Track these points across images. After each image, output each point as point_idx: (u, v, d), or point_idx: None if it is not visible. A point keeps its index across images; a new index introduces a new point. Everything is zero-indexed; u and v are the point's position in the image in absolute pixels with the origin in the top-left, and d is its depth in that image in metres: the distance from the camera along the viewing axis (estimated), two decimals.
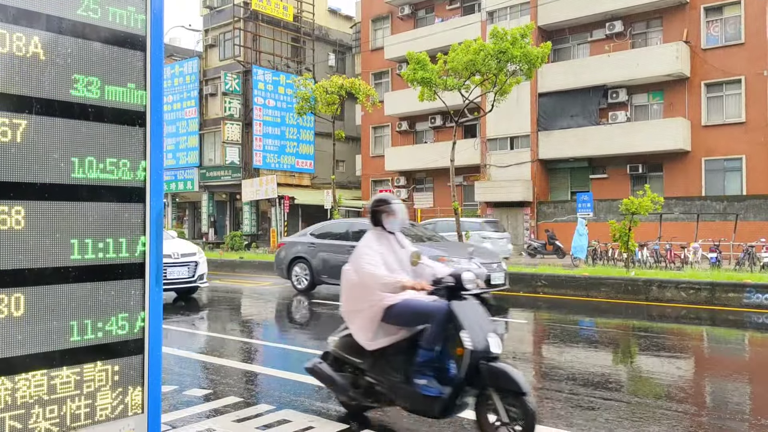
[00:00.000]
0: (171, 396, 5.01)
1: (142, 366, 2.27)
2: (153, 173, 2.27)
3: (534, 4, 26.53)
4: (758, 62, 22.79)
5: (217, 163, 34.14)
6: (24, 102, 1.96)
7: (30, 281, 1.98)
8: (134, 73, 2.23)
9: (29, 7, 1.98)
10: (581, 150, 25.61)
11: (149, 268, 2.28)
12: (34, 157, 1.99)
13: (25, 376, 1.99)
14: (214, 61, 34.95)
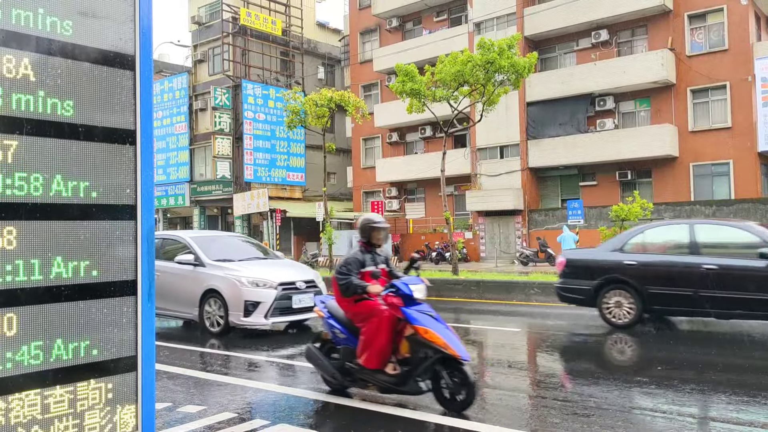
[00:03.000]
0: (165, 413, 4.98)
1: (135, 383, 2.27)
2: (143, 191, 2.29)
3: (520, 14, 26.80)
4: (742, 68, 23.10)
5: (208, 178, 34.09)
6: (15, 123, 1.98)
7: (22, 301, 1.99)
8: (124, 92, 2.26)
9: (18, 29, 2.00)
10: (570, 158, 25.79)
11: (141, 286, 2.29)
12: (24, 177, 2.00)
13: (19, 396, 1.99)
14: (204, 76, 35.00)
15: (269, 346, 8.34)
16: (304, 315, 9.43)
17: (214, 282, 9.29)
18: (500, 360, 7.78)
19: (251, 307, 8.92)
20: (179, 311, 9.83)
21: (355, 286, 5.08)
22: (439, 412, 4.94)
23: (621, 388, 5.71)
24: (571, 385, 6.07)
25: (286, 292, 9.10)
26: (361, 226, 5.47)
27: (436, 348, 4.82)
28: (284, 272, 9.58)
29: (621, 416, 4.79)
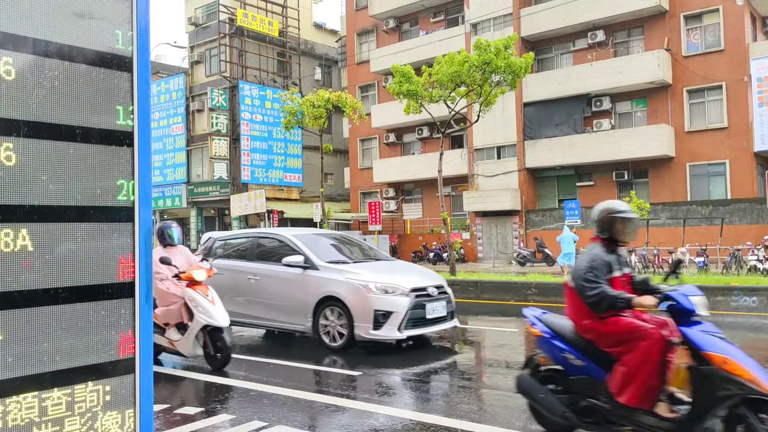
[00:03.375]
0: (162, 415, 4.97)
1: (133, 386, 2.27)
2: (141, 192, 2.28)
3: (517, 15, 26.84)
4: (738, 68, 23.17)
5: (205, 179, 34.05)
6: (12, 125, 1.98)
7: (20, 303, 1.98)
8: (121, 93, 2.25)
9: (16, 31, 1.99)
10: (567, 158, 25.83)
11: (139, 287, 2.29)
12: (21, 179, 2.00)
13: (16, 399, 1.98)
14: (201, 77, 34.97)
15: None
16: (438, 326, 8.06)
17: (333, 288, 7.87)
18: (498, 360, 7.79)
19: (382, 317, 7.52)
20: (286, 322, 8.41)
21: (615, 298, 3.83)
22: (445, 414, 4.92)
23: None
24: None
25: (419, 299, 7.79)
26: (601, 217, 4.20)
27: (741, 383, 3.52)
28: (412, 277, 8.28)
29: None
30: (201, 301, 6.70)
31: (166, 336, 6.98)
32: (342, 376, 6.68)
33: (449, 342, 8.79)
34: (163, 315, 6.96)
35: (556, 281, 13.46)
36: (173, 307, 6.88)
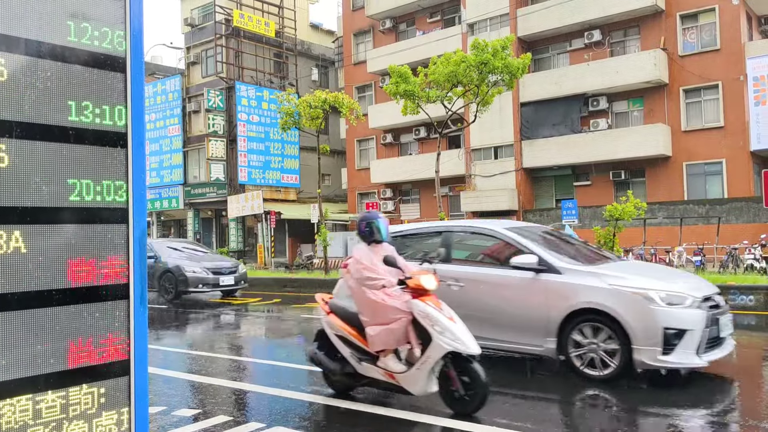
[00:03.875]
0: (159, 417, 4.96)
1: (128, 387, 2.26)
2: (135, 194, 2.27)
3: (513, 15, 26.86)
4: (734, 67, 23.22)
5: (202, 180, 34.00)
6: (4, 126, 1.97)
7: (14, 305, 1.97)
8: (115, 94, 2.24)
9: (8, 32, 1.98)
10: (564, 158, 25.86)
11: (133, 289, 2.28)
12: (15, 180, 1.99)
13: (10, 402, 1.97)
14: (197, 78, 34.92)
15: (264, 349, 8.18)
16: (729, 346, 6.27)
17: (592, 298, 5.97)
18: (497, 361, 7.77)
19: (674, 338, 5.65)
20: (510, 342, 6.52)
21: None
22: (447, 414, 4.93)
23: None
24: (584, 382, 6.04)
25: (712, 313, 5.97)
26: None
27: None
28: (690, 282, 6.54)
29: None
30: (439, 318, 4.82)
31: (380, 365, 5.08)
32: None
33: None
34: (380, 337, 4.99)
35: None
36: (395, 326, 4.91)
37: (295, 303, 14.23)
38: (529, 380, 6.48)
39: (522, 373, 6.76)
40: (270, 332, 10.76)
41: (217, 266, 15.33)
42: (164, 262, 15.19)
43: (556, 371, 6.41)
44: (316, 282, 17.88)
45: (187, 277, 14.64)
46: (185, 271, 14.74)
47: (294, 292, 17.30)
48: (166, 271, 15.03)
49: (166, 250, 15.92)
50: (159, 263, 15.15)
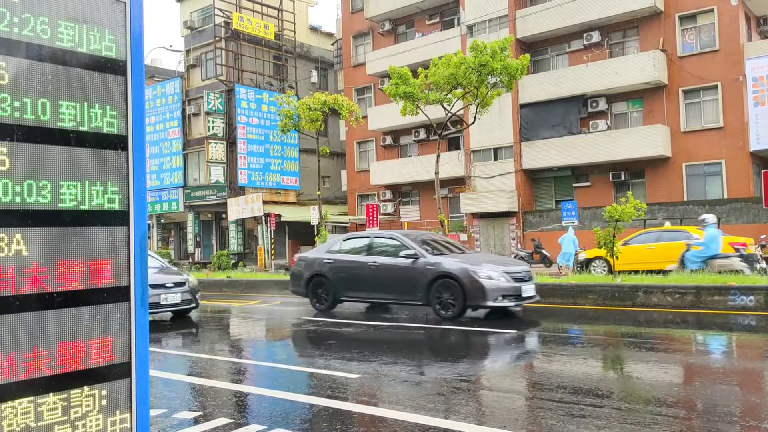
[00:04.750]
0: (160, 420, 4.96)
1: (129, 390, 2.26)
2: (136, 197, 2.28)
3: (512, 17, 26.90)
4: (733, 68, 23.25)
5: (201, 183, 34.01)
6: (5, 130, 1.97)
7: (15, 308, 1.98)
8: (115, 97, 2.25)
9: (8, 35, 1.99)
10: (564, 159, 25.88)
11: (134, 291, 2.28)
12: (15, 183, 1.99)
13: (12, 404, 1.98)
14: (197, 81, 34.95)
15: (265, 352, 8.20)
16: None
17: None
18: (497, 361, 7.79)
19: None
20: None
21: None
22: (442, 415, 4.93)
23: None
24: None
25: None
26: None
27: None
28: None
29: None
30: None
31: None
32: None
33: None
34: None
35: (553, 282, 13.48)
36: None
37: (296, 305, 14.22)
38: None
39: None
40: (270, 334, 10.76)
41: None
42: None
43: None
44: None
45: None
46: None
47: None
48: None
49: None
50: None
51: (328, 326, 10.61)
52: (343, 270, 11.97)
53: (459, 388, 5.94)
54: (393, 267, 11.23)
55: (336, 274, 12.03)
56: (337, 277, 12.00)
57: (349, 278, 11.85)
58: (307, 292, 12.50)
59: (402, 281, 11.03)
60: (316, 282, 12.35)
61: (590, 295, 12.27)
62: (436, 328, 9.97)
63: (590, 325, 10.20)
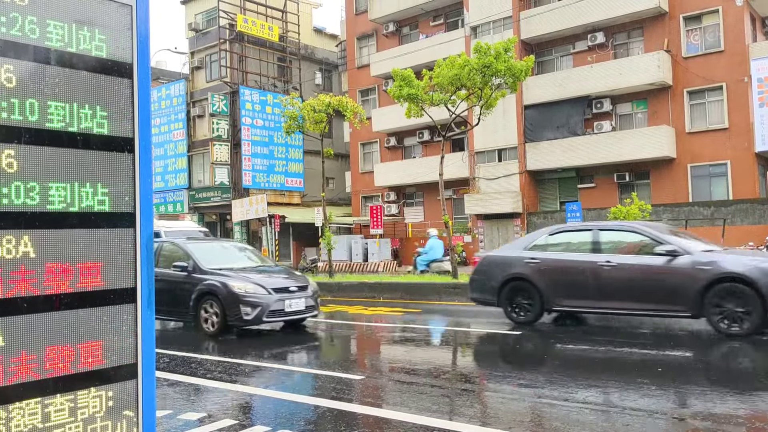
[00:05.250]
0: (165, 420, 4.97)
1: (135, 391, 2.27)
2: (142, 198, 2.29)
3: (516, 18, 26.87)
4: (738, 69, 23.18)
5: (206, 184, 34.10)
6: (13, 132, 1.99)
7: (22, 310, 1.99)
8: (122, 100, 2.26)
9: (17, 39, 2.00)
10: (568, 160, 25.83)
11: (140, 293, 2.29)
12: (23, 185, 2.00)
13: (19, 405, 1.99)
14: (201, 83, 35.05)
15: (270, 353, 8.07)
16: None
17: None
18: (498, 363, 7.77)
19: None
20: None
21: None
22: (447, 416, 4.93)
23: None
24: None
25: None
26: None
27: None
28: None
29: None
30: None
31: None
32: None
33: None
34: None
35: None
36: None
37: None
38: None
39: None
40: (274, 336, 10.77)
41: None
42: None
43: None
44: (320, 285, 17.87)
45: None
46: None
47: None
48: None
49: None
50: None
51: None
52: (557, 272, 9.55)
53: None
54: (641, 268, 8.87)
55: (546, 278, 9.57)
56: (548, 281, 9.55)
57: (568, 283, 9.43)
58: (500, 299, 10.11)
59: (657, 286, 8.59)
60: (513, 287, 9.96)
61: None
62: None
63: None
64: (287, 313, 9.88)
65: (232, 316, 9.57)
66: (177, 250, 10.78)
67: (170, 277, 10.20)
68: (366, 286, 16.65)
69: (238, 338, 9.84)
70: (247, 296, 9.59)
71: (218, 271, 10.15)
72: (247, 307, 9.51)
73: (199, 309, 9.94)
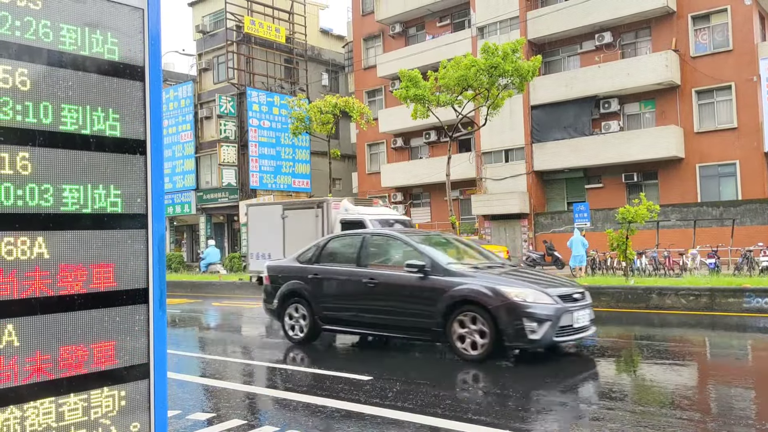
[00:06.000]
0: (174, 421, 5.00)
1: (148, 391, 2.29)
2: (154, 200, 2.31)
3: (523, 18, 26.82)
4: (747, 68, 23.04)
5: (214, 186, 34.20)
6: (27, 135, 2.01)
7: (37, 310, 2.01)
8: (134, 102, 2.28)
9: (31, 43, 2.03)
10: (576, 160, 25.75)
11: (152, 293, 2.31)
12: (37, 187, 2.03)
13: (34, 405, 2.01)
14: (209, 85, 35.17)
15: (275, 353, 8.07)
16: None
17: None
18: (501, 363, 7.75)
19: None
20: None
21: None
22: (452, 417, 4.92)
23: None
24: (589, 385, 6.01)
25: None
26: None
27: None
28: None
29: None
30: None
31: None
32: None
33: None
34: None
35: None
36: None
37: None
38: None
39: None
40: (281, 335, 10.79)
41: None
42: None
43: None
44: None
45: None
46: None
47: None
48: None
49: None
50: None
51: None
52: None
53: None
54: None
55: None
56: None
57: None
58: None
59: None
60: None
61: (603, 298, 12.19)
62: None
63: (604, 328, 10.13)
64: (576, 329, 7.19)
65: (512, 333, 6.82)
66: (394, 244, 8.54)
67: (395, 280, 7.82)
68: None
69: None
70: (532, 307, 6.83)
71: (468, 272, 7.61)
72: (532, 322, 6.75)
73: (451, 324, 7.15)
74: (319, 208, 14.76)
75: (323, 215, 14.61)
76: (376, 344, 8.88)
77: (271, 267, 9.55)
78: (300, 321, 8.68)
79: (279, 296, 8.94)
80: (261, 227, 16.48)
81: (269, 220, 15.98)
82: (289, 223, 15.48)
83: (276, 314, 9.09)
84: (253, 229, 16.98)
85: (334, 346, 8.99)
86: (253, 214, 17.32)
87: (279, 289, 8.96)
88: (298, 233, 14.65)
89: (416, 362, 7.67)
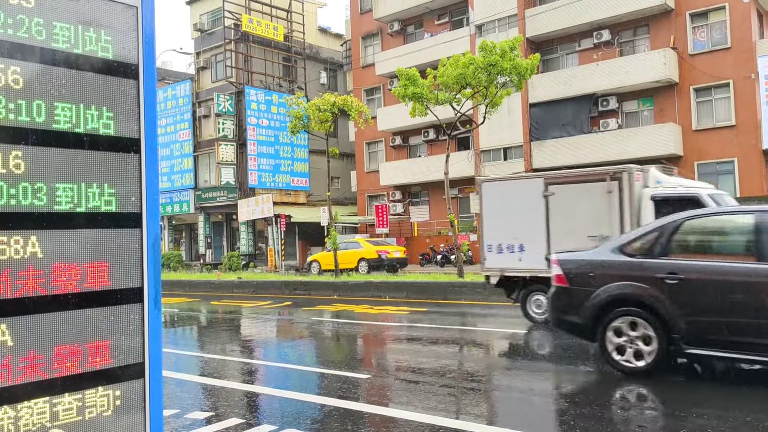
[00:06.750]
0: (173, 420, 4.99)
1: (143, 391, 2.28)
2: (149, 199, 2.30)
3: (521, 16, 26.81)
4: (745, 65, 23.04)
5: (212, 184, 34.19)
6: (20, 133, 2.00)
7: (30, 309, 2.00)
8: (128, 101, 2.27)
9: (23, 41, 2.02)
10: (574, 158, 25.74)
11: (147, 293, 2.30)
12: (30, 186, 2.02)
13: (28, 404, 2.00)
14: (207, 83, 35.14)
15: (277, 352, 8.12)
16: None
17: None
18: (501, 363, 7.76)
19: None
20: None
21: None
22: (453, 416, 4.92)
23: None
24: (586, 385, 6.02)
25: None
26: None
27: None
28: None
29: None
30: None
31: None
32: None
33: None
34: None
35: None
36: None
37: (306, 306, 14.27)
38: None
39: None
40: (281, 335, 10.80)
41: None
42: None
43: None
44: (326, 285, 17.92)
45: None
46: None
47: (304, 295, 17.35)
48: None
49: None
50: None
51: None
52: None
53: None
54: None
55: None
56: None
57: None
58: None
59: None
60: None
61: None
62: None
63: None
64: None
65: None
66: (743, 226, 6.09)
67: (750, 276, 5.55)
68: (372, 285, 16.66)
69: None
70: None
71: None
72: None
73: None
74: (614, 181, 10.09)
75: (622, 191, 10.13)
76: None
77: (570, 261, 6.72)
78: (638, 343, 5.95)
79: (595, 305, 6.16)
80: (504, 209, 11.49)
81: (520, 199, 11.17)
82: (556, 202, 10.74)
83: (586, 331, 6.34)
84: (489, 212, 11.67)
85: None
86: (491, 191, 12.01)
87: (593, 294, 6.21)
88: (574, 217, 10.36)
89: None
